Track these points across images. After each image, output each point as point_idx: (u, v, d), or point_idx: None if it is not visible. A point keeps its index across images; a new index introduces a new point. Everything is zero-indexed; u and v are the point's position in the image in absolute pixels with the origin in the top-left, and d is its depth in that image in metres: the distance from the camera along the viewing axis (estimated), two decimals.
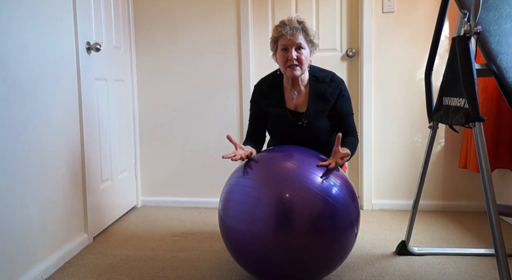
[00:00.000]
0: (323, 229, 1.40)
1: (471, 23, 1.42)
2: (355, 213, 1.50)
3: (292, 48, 1.69)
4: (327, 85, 1.78)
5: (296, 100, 1.80)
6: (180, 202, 2.82)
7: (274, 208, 1.40)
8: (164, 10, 2.73)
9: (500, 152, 2.29)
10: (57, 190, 1.85)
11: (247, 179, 1.50)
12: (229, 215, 1.49)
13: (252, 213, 1.42)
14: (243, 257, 1.51)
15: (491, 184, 1.34)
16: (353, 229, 1.49)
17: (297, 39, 1.68)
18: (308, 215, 1.39)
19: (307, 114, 1.77)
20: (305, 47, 1.70)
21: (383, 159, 2.66)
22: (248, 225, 1.43)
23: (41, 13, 1.75)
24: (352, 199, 1.50)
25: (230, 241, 1.53)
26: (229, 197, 1.52)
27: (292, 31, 1.68)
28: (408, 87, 2.60)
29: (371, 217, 2.51)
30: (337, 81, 1.79)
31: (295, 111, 1.80)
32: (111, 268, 1.83)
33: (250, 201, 1.43)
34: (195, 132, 2.78)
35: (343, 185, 1.50)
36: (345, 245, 1.48)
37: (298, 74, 1.73)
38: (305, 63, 1.72)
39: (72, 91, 1.99)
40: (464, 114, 1.44)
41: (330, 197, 1.42)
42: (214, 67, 2.72)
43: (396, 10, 2.56)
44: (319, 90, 1.78)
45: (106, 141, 2.36)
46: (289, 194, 1.41)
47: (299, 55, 1.69)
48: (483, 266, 1.79)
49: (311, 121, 1.77)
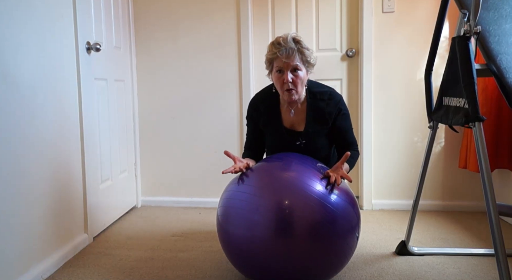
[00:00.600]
0: (323, 235, 1.39)
1: (471, 23, 1.42)
2: (355, 218, 1.49)
3: (287, 71, 1.63)
4: (325, 103, 1.73)
5: (293, 118, 1.77)
6: (180, 202, 2.82)
7: (273, 214, 1.39)
8: (164, 9, 2.73)
9: (500, 151, 2.29)
10: (57, 189, 1.85)
11: (246, 185, 1.49)
12: (229, 221, 1.48)
13: (251, 219, 1.40)
14: (242, 263, 1.50)
15: (491, 184, 1.34)
16: (353, 235, 1.48)
17: (292, 61, 1.62)
18: (307, 221, 1.38)
19: (305, 134, 1.75)
20: (301, 68, 1.64)
21: (383, 158, 2.66)
22: (247, 231, 1.41)
23: (40, 13, 1.75)
24: (352, 204, 1.50)
25: (229, 247, 1.51)
26: (228, 203, 1.50)
27: (287, 53, 1.61)
28: (408, 87, 2.60)
29: (371, 217, 2.51)
30: (336, 99, 1.74)
31: (292, 130, 1.78)
32: (111, 268, 1.83)
33: (249, 207, 1.42)
34: (195, 132, 2.78)
35: (342, 191, 1.50)
36: (346, 251, 1.47)
37: (295, 98, 1.68)
38: (301, 85, 1.67)
39: (72, 91, 1.99)
40: (464, 114, 1.44)
41: (329, 203, 1.41)
42: (214, 67, 2.72)
43: (396, 10, 2.56)
44: (317, 109, 1.73)
45: (106, 141, 2.36)
46: (288, 200, 1.40)
47: (295, 78, 1.64)
48: (483, 266, 1.79)
49: (309, 141, 1.75)
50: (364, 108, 2.61)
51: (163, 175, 2.84)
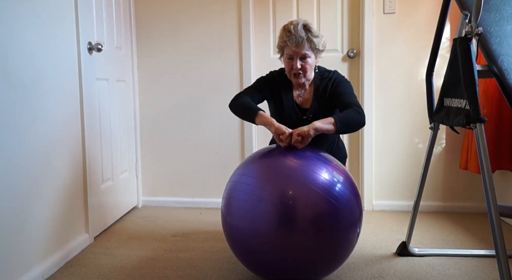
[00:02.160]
0: (325, 228, 1.40)
1: (472, 24, 1.42)
2: (357, 212, 1.50)
3: (296, 58, 1.74)
4: (329, 81, 1.84)
5: (303, 97, 1.88)
6: (181, 202, 2.82)
7: (276, 207, 1.40)
8: (166, 10, 2.73)
9: (501, 153, 2.29)
10: (58, 189, 1.85)
11: (249, 176, 1.50)
12: (232, 213, 1.50)
13: (255, 211, 1.42)
14: (244, 254, 1.52)
15: (492, 185, 1.34)
16: (355, 229, 1.49)
17: (302, 50, 1.72)
18: (310, 214, 1.39)
19: (312, 110, 1.84)
20: (310, 56, 1.75)
21: (384, 159, 2.66)
22: (250, 223, 1.43)
23: (43, 14, 1.75)
24: (355, 197, 1.50)
25: (232, 238, 1.54)
26: (231, 194, 1.53)
27: (297, 41, 1.70)
28: (409, 88, 2.60)
29: (371, 218, 2.51)
30: (337, 75, 1.85)
31: (301, 107, 1.88)
32: (112, 268, 1.83)
33: (252, 199, 1.44)
34: (196, 133, 2.78)
35: (346, 183, 1.50)
36: (347, 245, 1.48)
37: (302, 81, 1.81)
38: (310, 70, 1.79)
39: (74, 91, 1.99)
40: (465, 115, 1.44)
41: (333, 195, 1.42)
42: (215, 67, 2.73)
43: (397, 11, 2.56)
44: (323, 87, 1.83)
45: (107, 141, 2.36)
46: (291, 192, 1.41)
47: (304, 64, 1.75)
48: (484, 267, 1.79)
49: (316, 116, 1.81)
50: (365, 109, 2.60)
51: (164, 175, 2.84)
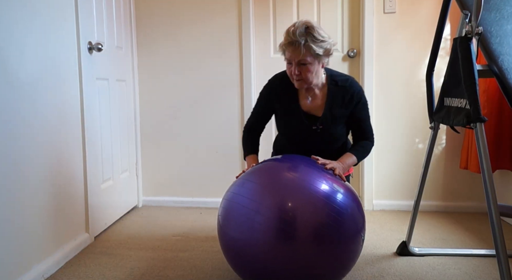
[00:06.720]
0: (328, 240, 1.35)
1: (473, 24, 1.42)
2: (361, 220, 1.45)
3: (295, 63, 1.61)
4: (345, 91, 1.71)
5: (311, 104, 1.74)
6: (181, 202, 2.82)
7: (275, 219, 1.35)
8: (166, 10, 2.73)
9: (501, 152, 2.29)
10: (59, 189, 1.85)
11: (248, 189, 1.45)
12: (229, 225, 1.44)
13: (252, 223, 1.37)
14: (241, 266, 1.47)
15: (492, 184, 1.34)
16: (359, 239, 1.43)
17: (298, 56, 1.58)
18: (312, 226, 1.34)
19: (323, 120, 1.72)
20: (310, 62, 1.59)
21: (384, 159, 2.66)
22: (247, 236, 1.38)
23: (43, 13, 1.75)
24: (357, 206, 1.46)
25: (228, 250, 1.48)
26: (229, 205, 1.47)
27: (294, 46, 1.57)
28: (409, 88, 2.60)
29: (372, 218, 2.50)
30: (356, 87, 1.73)
31: (309, 114, 1.75)
32: (112, 268, 1.83)
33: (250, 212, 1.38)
34: (196, 132, 2.78)
35: (348, 191, 1.46)
36: (351, 255, 1.43)
37: (302, 87, 1.68)
38: (310, 76, 1.63)
39: (74, 91, 1.99)
40: (466, 115, 1.44)
41: (335, 206, 1.37)
42: (215, 67, 2.73)
43: (397, 11, 2.56)
44: (338, 95, 1.71)
45: (107, 141, 2.36)
46: (292, 205, 1.36)
47: (301, 71, 1.61)
48: (484, 266, 1.79)
49: (326, 127, 1.73)
50: None
51: (164, 174, 2.84)
